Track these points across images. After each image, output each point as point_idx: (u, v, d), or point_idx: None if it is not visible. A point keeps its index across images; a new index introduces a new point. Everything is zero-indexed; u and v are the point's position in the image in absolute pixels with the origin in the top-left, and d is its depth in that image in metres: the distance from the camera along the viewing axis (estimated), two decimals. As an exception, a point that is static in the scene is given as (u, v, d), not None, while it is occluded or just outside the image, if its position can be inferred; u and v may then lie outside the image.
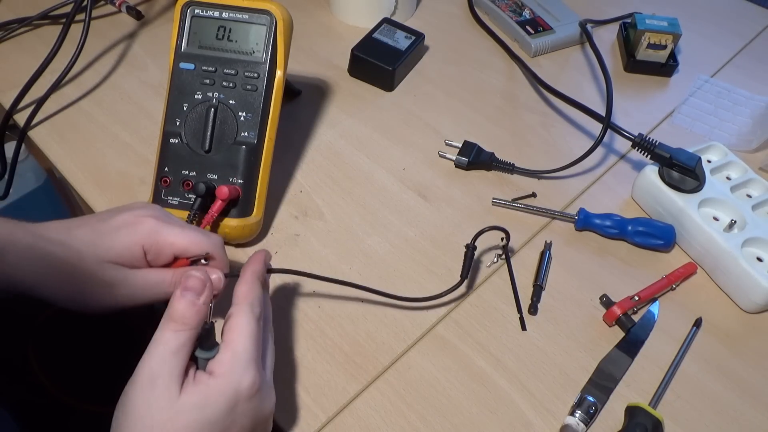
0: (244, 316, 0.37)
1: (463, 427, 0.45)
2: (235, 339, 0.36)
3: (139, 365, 0.35)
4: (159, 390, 0.34)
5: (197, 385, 0.35)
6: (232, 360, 0.36)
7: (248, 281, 0.39)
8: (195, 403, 0.34)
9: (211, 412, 0.34)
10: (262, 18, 0.52)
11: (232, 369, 0.35)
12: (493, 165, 0.62)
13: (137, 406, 0.34)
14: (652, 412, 0.44)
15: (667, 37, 0.72)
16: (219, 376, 0.35)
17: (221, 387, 0.35)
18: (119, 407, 0.34)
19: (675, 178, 0.57)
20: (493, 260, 0.54)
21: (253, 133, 0.52)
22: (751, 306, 0.52)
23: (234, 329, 0.37)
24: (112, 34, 0.75)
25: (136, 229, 0.40)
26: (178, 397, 0.34)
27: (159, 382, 0.34)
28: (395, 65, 0.68)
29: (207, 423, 0.34)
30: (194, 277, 0.36)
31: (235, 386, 0.35)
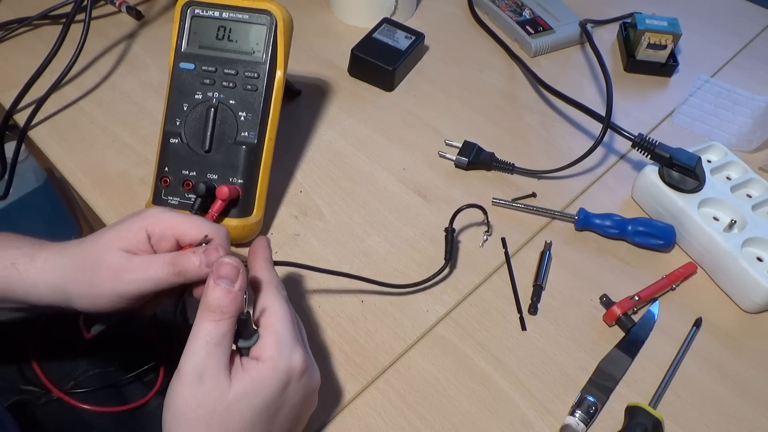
0: (276, 300, 0.38)
1: (463, 427, 0.45)
2: (273, 322, 0.37)
3: (182, 361, 0.34)
4: (208, 384, 0.34)
5: (247, 372, 0.35)
6: (277, 342, 0.36)
7: (264, 267, 0.40)
8: (248, 390, 0.34)
9: (266, 395, 0.35)
10: (262, 18, 0.52)
11: (279, 351, 0.36)
12: (493, 165, 0.62)
13: (188, 402, 0.34)
14: (652, 412, 0.44)
15: (667, 37, 0.72)
16: (267, 360, 0.35)
17: (272, 370, 0.35)
18: (168, 407, 0.34)
19: (675, 178, 0.57)
20: (484, 238, 0.55)
21: (253, 133, 0.52)
22: (751, 306, 0.52)
23: (270, 313, 0.37)
24: (112, 34, 0.75)
25: (141, 214, 0.41)
26: (230, 387, 0.34)
27: (206, 375, 0.34)
28: (395, 65, 0.68)
29: (263, 407, 0.35)
30: (226, 263, 0.35)
31: (285, 367, 0.36)
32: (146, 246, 0.40)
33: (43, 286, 0.40)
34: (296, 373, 0.36)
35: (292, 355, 0.36)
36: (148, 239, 0.40)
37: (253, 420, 0.35)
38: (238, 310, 0.35)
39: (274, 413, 0.36)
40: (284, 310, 0.37)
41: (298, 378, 0.37)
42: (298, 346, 0.37)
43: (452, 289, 0.52)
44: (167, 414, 0.34)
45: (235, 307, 0.35)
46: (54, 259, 0.40)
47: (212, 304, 0.34)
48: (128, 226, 0.40)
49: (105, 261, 0.39)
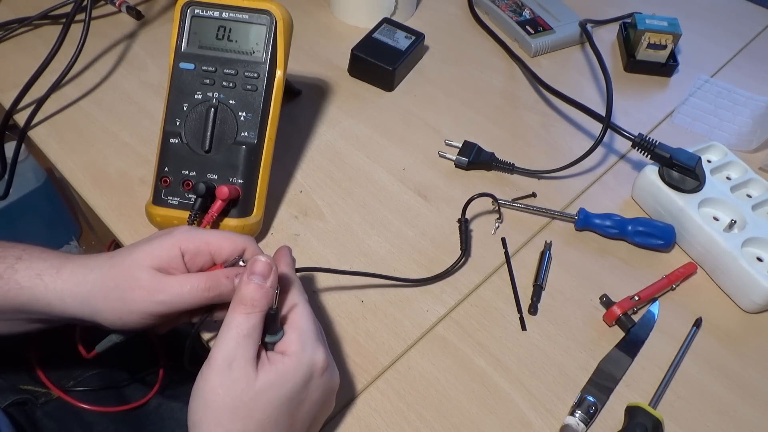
0: (300, 300, 0.40)
1: (463, 427, 0.45)
2: (298, 320, 0.39)
3: (213, 350, 0.36)
4: (237, 372, 0.35)
5: (273, 364, 0.37)
6: (302, 339, 0.38)
7: (288, 271, 0.42)
8: (273, 382, 0.36)
9: (290, 387, 0.37)
10: (262, 18, 0.52)
11: (303, 347, 0.37)
12: (493, 165, 0.62)
13: (215, 389, 0.35)
14: (652, 412, 0.44)
15: (667, 37, 0.72)
16: (292, 354, 0.37)
17: (296, 364, 0.37)
18: (197, 394, 0.36)
19: (675, 178, 0.57)
20: (496, 226, 0.56)
21: (253, 133, 0.52)
22: (751, 306, 0.52)
23: (295, 312, 0.39)
24: (112, 34, 0.75)
25: (172, 232, 0.41)
26: (256, 378, 0.36)
27: (235, 364, 0.35)
28: (395, 65, 0.68)
29: (286, 399, 0.37)
30: (260, 261, 0.37)
31: (308, 363, 0.37)
32: (180, 264, 0.41)
33: (69, 298, 0.40)
34: (318, 369, 0.38)
35: (315, 352, 0.38)
36: (182, 257, 0.41)
37: (277, 411, 0.36)
38: (267, 305, 0.37)
39: (297, 406, 0.38)
40: (308, 310, 0.39)
41: (320, 374, 0.38)
42: (320, 344, 0.39)
43: (452, 289, 0.52)
44: (195, 401, 0.36)
45: (265, 301, 0.37)
46: (82, 272, 0.40)
47: (245, 298, 0.36)
48: (160, 244, 0.40)
49: (138, 279, 0.39)
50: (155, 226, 0.54)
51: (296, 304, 0.40)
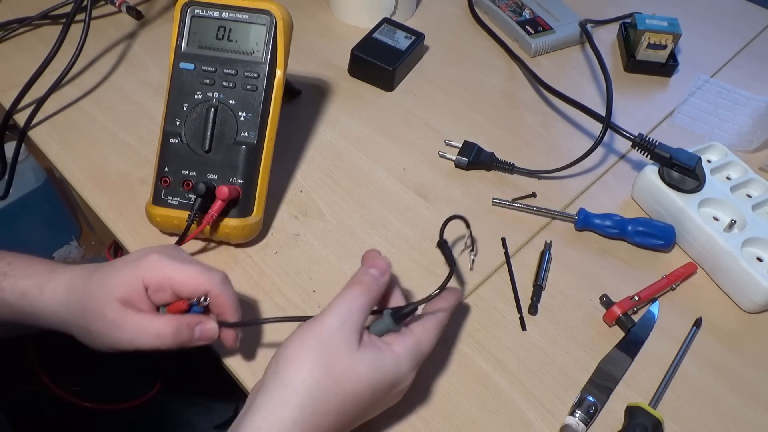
0: (439, 323, 0.41)
1: (463, 427, 0.45)
2: (423, 336, 0.40)
3: (325, 311, 0.38)
4: (345, 333, 0.37)
5: (375, 345, 0.38)
6: (412, 351, 0.39)
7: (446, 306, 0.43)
8: (370, 361, 0.37)
9: (381, 375, 0.37)
10: (262, 18, 0.52)
11: (406, 357, 0.38)
12: (493, 165, 0.62)
13: (321, 339, 0.36)
14: (652, 412, 0.44)
15: (667, 37, 0.72)
16: (395, 352, 0.38)
17: (395, 364, 0.38)
18: (299, 335, 0.37)
19: (675, 178, 0.57)
20: (471, 259, 0.54)
21: (253, 133, 0.52)
22: (751, 306, 0.52)
23: (427, 327, 0.40)
24: (112, 34, 0.75)
25: (139, 262, 0.41)
26: (357, 348, 0.37)
27: (347, 326, 0.37)
28: (395, 65, 0.68)
29: (374, 385, 0.37)
30: (381, 259, 0.41)
31: (404, 372, 0.38)
32: (143, 297, 0.41)
33: (51, 316, 0.41)
34: (404, 384, 0.39)
35: (410, 371, 0.39)
36: (146, 290, 0.41)
37: (357, 393, 0.37)
38: (379, 292, 0.39)
39: (372, 400, 0.38)
40: (435, 335, 0.41)
41: (399, 391, 0.39)
42: (417, 367, 0.40)
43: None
44: (295, 340, 0.37)
45: (377, 290, 0.39)
46: (63, 291, 0.41)
47: (362, 279, 0.39)
48: (127, 276, 0.40)
49: (102, 313, 0.40)
50: (155, 226, 0.54)
51: (433, 325, 0.41)
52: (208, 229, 0.51)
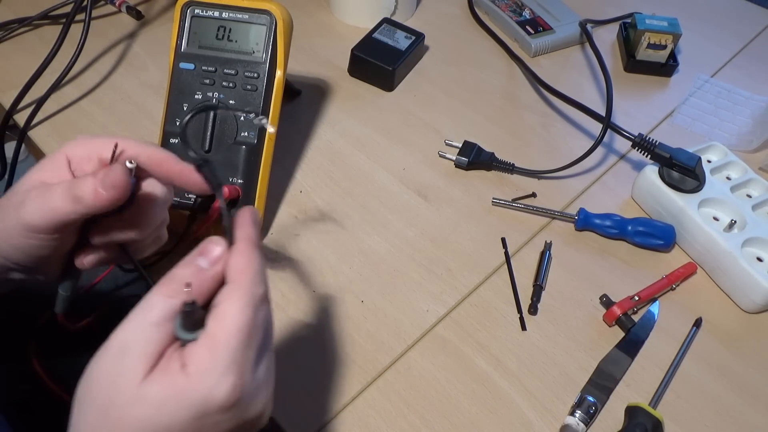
0: (237, 301, 0.29)
1: (463, 427, 0.45)
2: (218, 332, 0.29)
3: (115, 330, 0.29)
4: (127, 363, 0.28)
5: (165, 374, 0.28)
6: (209, 360, 0.28)
7: (244, 251, 0.31)
8: (154, 398, 0.28)
9: (168, 416, 0.28)
10: (262, 18, 0.52)
11: (205, 371, 0.28)
12: (493, 165, 0.62)
13: (101, 376, 0.29)
14: (652, 412, 0.44)
15: (667, 37, 0.72)
16: (189, 375, 0.28)
17: (187, 390, 0.28)
18: (84, 375, 0.29)
19: (675, 178, 0.57)
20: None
21: (253, 133, 0.52)
22: (751, 306, 0.52)
23: (221, 318, 0.29)
24: (112, 34, 0.75)
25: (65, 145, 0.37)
26: (142, 381, 0.28)
27: (129, 355, 0.28)
28: (395, 65, 0.68)
29: (162, 427, 0.28)
30: (213, 243, 0.31)
31: (204, 394, 0.28)
32: (65, 172, 0.36)
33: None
34: (215, 406, 0.28)
35: (219, 383, 0.28)
36: (68, 164, 0.36)
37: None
38: (200, 295, 0.30)
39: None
40: (241, 320, 0.29)
41: (217, 411, 0.29)
42: (232, 371, 0.28)
43: (452, 289, 0.52)
44: (81, 381, 0.29)
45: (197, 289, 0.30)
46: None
47: (176, 277, 0.30)
48: (50, 156, 0.36)
49: (15, 197, 0.35)
50: (155, 226, 0.54)
51: (230, 310, 0.29)
52: (208, 229, 0.51)
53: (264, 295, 0.31)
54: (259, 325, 0.30)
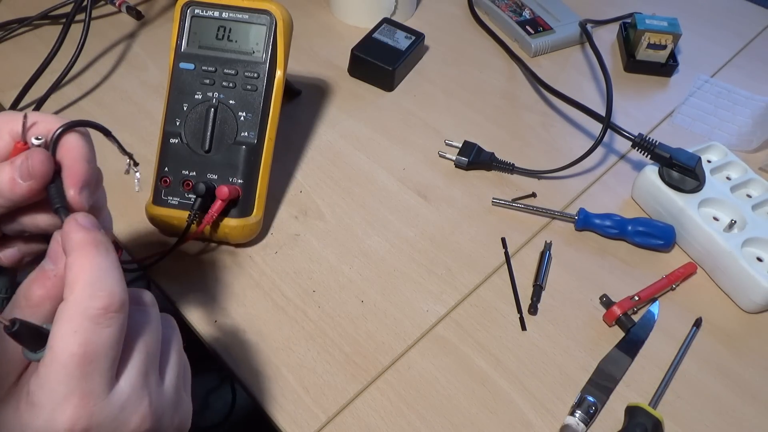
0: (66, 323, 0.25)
1: (463, 427, 0.45)
2: (48, 357, 0.25)
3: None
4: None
5: (16, 401, 0.26)
6: (42, 387, 0.25)
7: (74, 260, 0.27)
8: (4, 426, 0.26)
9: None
10: (262, 18, 0.52)
11: (40, 400, 0.25)
12: (493, 165, 0.62)
13: None
14: (652, 412, 0.44)
15: (667, 37, 0.72)
16: (31, 404, 0.25)
17: (30, 420, 0.25)
18: None
19: (675, 178, 0.57)
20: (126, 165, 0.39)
21: (253, 133, 0.52)
22: (751, 306, 0.52)
23: (50, 345, 0.25)
24: (112, 34, 0.75)
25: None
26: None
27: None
28: (395, 65, 0.68)
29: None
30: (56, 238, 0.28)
31: (44, 425, 0.25)
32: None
33: None
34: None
35: (55, 414, 0.25)
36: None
37: None
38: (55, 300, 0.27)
39: None
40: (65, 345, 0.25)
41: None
42: (68, 403, 0.25)
43: (452, 289, 0.52)
44: None
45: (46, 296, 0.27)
46: None
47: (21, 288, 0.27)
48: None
49: None
50: (155, 226, 0.54)
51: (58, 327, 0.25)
52: (208, 229, 0.51)
53: (103, 309, 0.26)
54: (102, 344, 0.26)
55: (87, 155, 0.31)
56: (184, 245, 0.52)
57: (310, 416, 0.45)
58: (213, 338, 0.48)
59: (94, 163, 0.31)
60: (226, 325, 0.49)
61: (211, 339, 0.48)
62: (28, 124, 0.31)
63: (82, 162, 0.30)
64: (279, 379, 0.46)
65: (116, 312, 0.26)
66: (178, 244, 0.51)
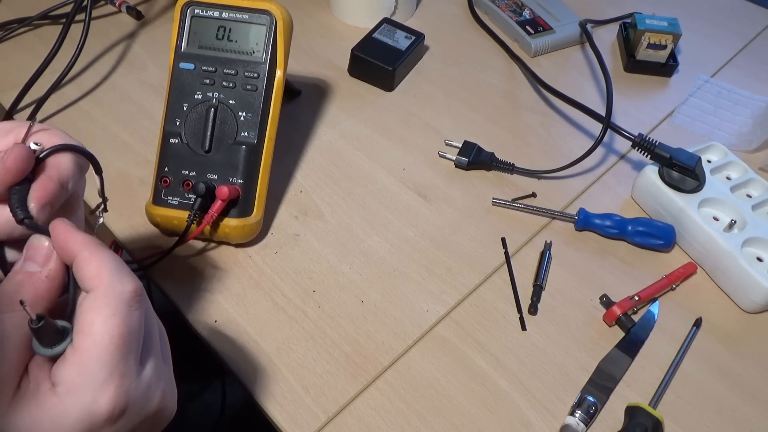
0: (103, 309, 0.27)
1: (463, 427, 0.45)
2: (88, 347, 0.27)
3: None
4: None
5: (36, 397, 0.26)
6: (81, 374, 0.26)
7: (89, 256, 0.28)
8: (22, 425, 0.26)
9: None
10: (262, 18, 0.52)
11: (80, 386, 0.26)
12: (493, 165, 0.62)
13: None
14: (652, 412, 0.44)
15: (667, 37, 0.72)
16: (61, 395, 0.26)
17: (62, 411, 0.26)
18: None
19: (675, 178, 0.57)
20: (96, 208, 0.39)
21: (253, 133, 0.52)
22: (751, 306, 0.52)
23: (87, 332, 0.27)
24: (112, 34, 0.75)
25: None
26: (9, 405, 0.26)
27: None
28: (395, 65, 0.68)
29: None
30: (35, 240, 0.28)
31: (86, 409, 0.26)
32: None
33: None
34: (102, 419, 0.27)
35: (99, 395, 0.26)
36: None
37: None
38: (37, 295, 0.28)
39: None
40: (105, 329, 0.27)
41: (105, 423, 0.27)
42: (112, 380, 0.27)
43: (452, 289, 0.52)
44: None
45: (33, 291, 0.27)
46: None
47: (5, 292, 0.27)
48: None
49: None
50: (155, 226, 0.54)
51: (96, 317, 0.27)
52: (208, 229, 0.51)
53: (133, 292, 0.28)
54: (135, 326, 0.28)
55: (65, 179, 0.31)
56: (184, 245, 0.52)
57: (310, 416, 0.45)
58: (213, 338, 0.48)
59: (68, 190, 0.31)
60: (226, 325, 0.49)
61: (211, 339, 0.48)
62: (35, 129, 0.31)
63: (55, 182, 0.30)
64: (279, 379, 0.46)
65: (142, 296, 0.28)
66: (178, 244, 0.51)
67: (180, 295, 0.51)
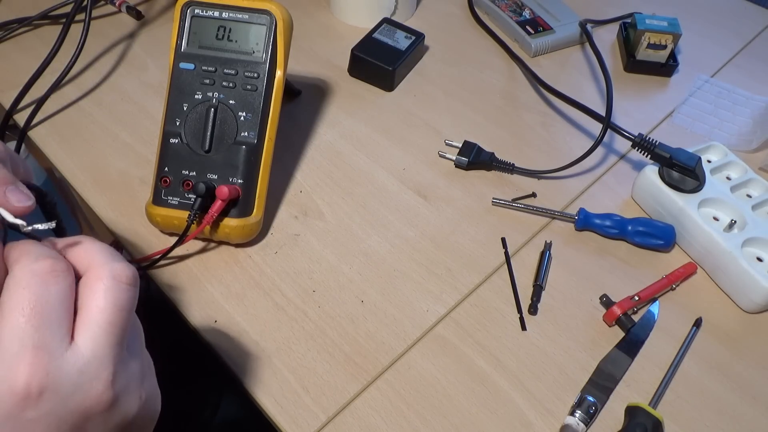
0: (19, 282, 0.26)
1: (463, 427, 0.45)
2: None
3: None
4: None
5: None
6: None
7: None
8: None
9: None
10: (262, 18, 0.52)
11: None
12: (493, 165, 0.62)
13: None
14: (652, 412, 0.44)
15: (667, 37, 0.72)
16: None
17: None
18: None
19: (675, 178, 0.57)
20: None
21: (253, 133, 0.52)
22: (751, 306, 0.52)
23: (4, 303, 0.26)
24: (112, 34, 0.75)
25: None
26: None
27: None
28: (395, 65, 0.68)
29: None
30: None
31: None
32: None
33: None
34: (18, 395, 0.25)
35: (11, 367, 0.25)
36: None
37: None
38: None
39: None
40: (15, 298, 0.26)
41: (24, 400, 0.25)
42: (22, 355, 0.25)
43: (452, 289, 0.52)
44: None
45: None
46: None
47: None
48: None
49: None
50: (155, 226, 0.54)
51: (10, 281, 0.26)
52: (208, 229, 0.51)
53: (50, 267, 0.27)
54: (53, 300, 0.27)
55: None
56: (184, 245, 0.52)
57: (310, 416, 0.45)
58: (213, 338, 0.48)
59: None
60: (226, 325, 0.49)
61: (211, 339, 0.48)
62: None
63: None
64: (279, 379, 0.46)
65: (59, 271, 0.27)
66: (178, 244, 0.51)
67: (180, 295, 0.51)
